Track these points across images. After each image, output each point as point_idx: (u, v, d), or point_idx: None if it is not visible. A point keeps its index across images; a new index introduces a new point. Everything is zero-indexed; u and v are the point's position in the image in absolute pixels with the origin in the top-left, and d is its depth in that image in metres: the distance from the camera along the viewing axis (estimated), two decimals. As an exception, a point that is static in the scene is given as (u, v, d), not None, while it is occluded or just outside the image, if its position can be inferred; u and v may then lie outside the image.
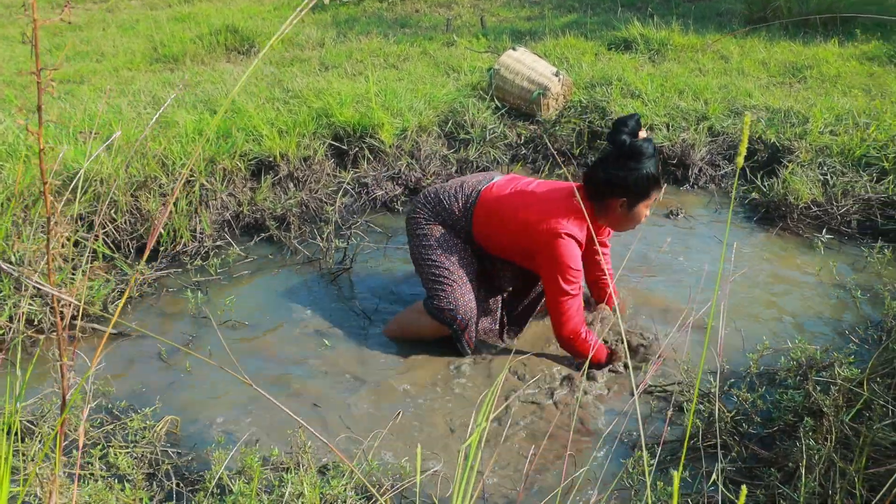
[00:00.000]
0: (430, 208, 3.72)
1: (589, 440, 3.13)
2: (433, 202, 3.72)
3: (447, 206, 3.67)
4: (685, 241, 4.83)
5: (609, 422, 3.22)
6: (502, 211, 3.54)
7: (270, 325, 3.95)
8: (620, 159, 3.34)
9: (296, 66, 7.61)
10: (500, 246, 3.63)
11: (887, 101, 6.18)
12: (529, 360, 3.64)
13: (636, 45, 8.29)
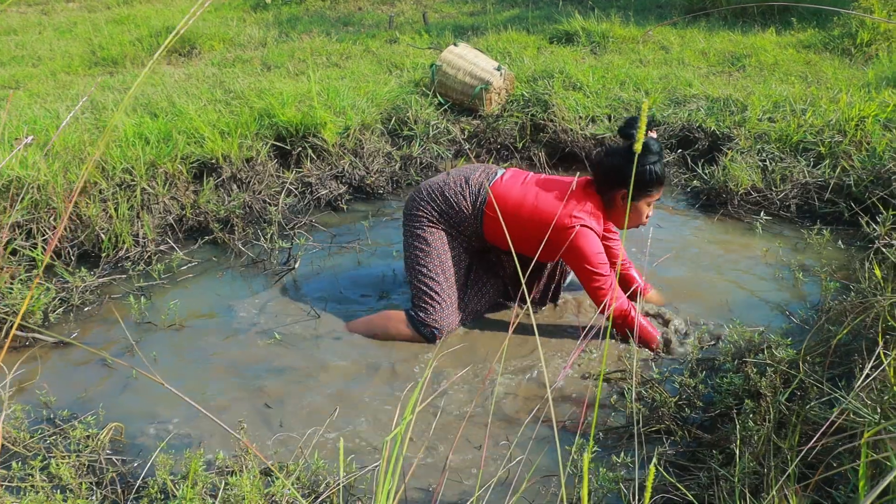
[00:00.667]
0: (435, 207, 3.71)
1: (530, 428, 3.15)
2: (438, 200, 3.72)
3: (454, 204, 3.68)
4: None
5: (556, 409, 3.25)
6: (517, 208, 3.59)
7: (216, 327, 3.92)
8: (629, 152, 3.49)
9: (237, 66, 7.56)
10: (514, 241, 3.64)
11: (823, 88, 6.30)
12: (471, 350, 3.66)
13: (578, 37, 8.35)
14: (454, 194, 3.69)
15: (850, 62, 7.30)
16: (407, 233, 3.79)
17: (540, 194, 3.60)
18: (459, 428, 3.08)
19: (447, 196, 3.70)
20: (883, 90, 5.95)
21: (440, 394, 3.27)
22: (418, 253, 3.71)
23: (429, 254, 3.69)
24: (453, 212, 3.69)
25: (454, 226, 3.72)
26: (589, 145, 5.84)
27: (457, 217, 3.69)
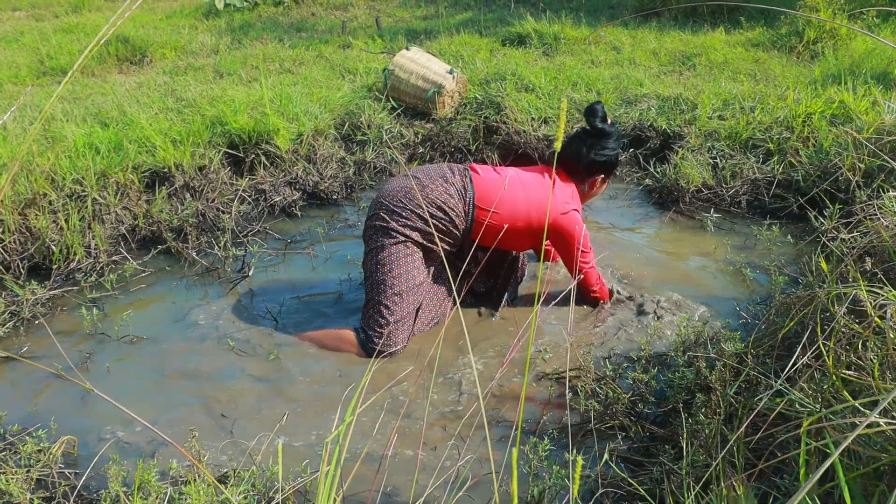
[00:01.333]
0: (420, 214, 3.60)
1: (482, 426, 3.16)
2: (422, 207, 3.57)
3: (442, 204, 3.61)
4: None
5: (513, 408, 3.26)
6: (507, 196, 3.67)
7: (170, 337, 3.88)
8: (602, 140, 3.87)
9: (189, 74, 7.51)
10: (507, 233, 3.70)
11: (771, 86, 6.40)
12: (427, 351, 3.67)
13: (530, 40, 8.41)
14: (440, 194, 3.61)
15: (798, 60, 7.41)
16: (375, 244, 3.64)
17: (526, 185, 3.74)
18: (412, 430, 3.09)
19: (433, 199, 3.60)
20: (829, 87, 6.06)
21: (384, 394, 3.27)
22: (383, 268, 3.59)
23: (392, 271, 3.58)
24: (442, 214, 3.62)
25: (439, 231, 3.65)
26: (542, 146, 5.88)
27: (445, 220, 3.63)
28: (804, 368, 2.50)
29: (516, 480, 1.10)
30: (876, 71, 6.31)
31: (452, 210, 3.62)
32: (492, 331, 3.86)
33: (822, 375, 2.37)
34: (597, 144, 3.86)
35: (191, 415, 3.27)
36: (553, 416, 3.17)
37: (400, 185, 3.69)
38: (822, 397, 2.18)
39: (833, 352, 2.29)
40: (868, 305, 2.19)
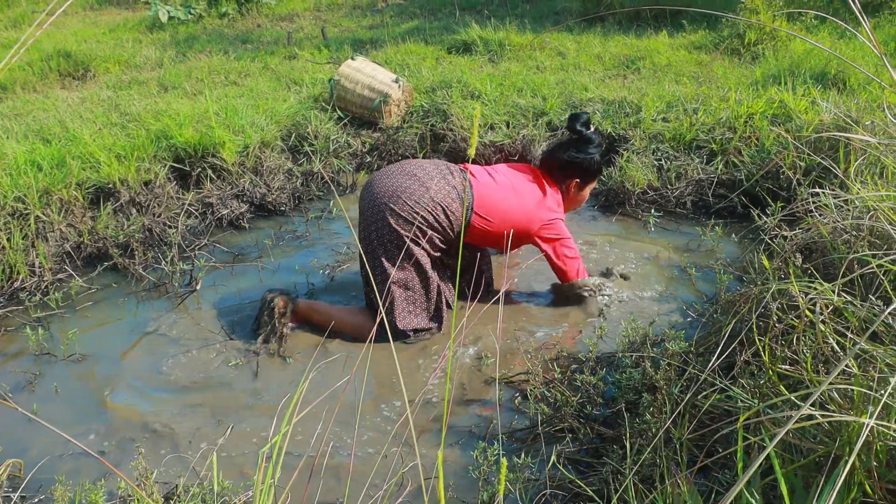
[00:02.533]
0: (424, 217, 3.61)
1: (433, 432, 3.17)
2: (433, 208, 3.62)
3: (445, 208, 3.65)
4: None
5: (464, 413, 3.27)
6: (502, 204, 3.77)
7: (118, 354, 3.83)
8: (579, 145, 3.95)
9: (134, 88, 7.43)
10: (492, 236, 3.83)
11: (714, 87, 6.49)
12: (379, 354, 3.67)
13: (475, 47, 8.45)
14: (443, 196, 3.64)
15: (740, 61, 7.53)
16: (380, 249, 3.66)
17: (519, 192, 3.84)
18: (350, 437, 3.09)
19: (438, 200, 3.63)
20: (770, 87, 6.16)
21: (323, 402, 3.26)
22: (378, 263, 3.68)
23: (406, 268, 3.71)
24: (443, 217, 3.66)
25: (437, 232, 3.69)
26: (489, 152, 5.91)
27: (445, 222, 3.67)
28: (743, 365, 2.55)
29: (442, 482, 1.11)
30: (815, 71, 6.43)
31: (453, 213, 3.68)
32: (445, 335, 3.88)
33: (759, 371, 2.42)
34: (576, 149, 3.97)
35: (139, 431, 3.24)
36: (503, 420, 3.19)
37: (402, 186, 3.65)
38: (759, 392, 2.21)
39: (769, 347, 2.33)
40: (800, 300, 2.24)
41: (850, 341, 2.16)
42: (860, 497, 1.88)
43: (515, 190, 3.82)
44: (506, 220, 3.76)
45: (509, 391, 3.39)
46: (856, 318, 2.20)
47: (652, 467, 2.44)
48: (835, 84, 6.17)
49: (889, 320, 2.03)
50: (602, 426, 2.96)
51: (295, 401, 1.46)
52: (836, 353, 2.19)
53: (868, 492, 1.87)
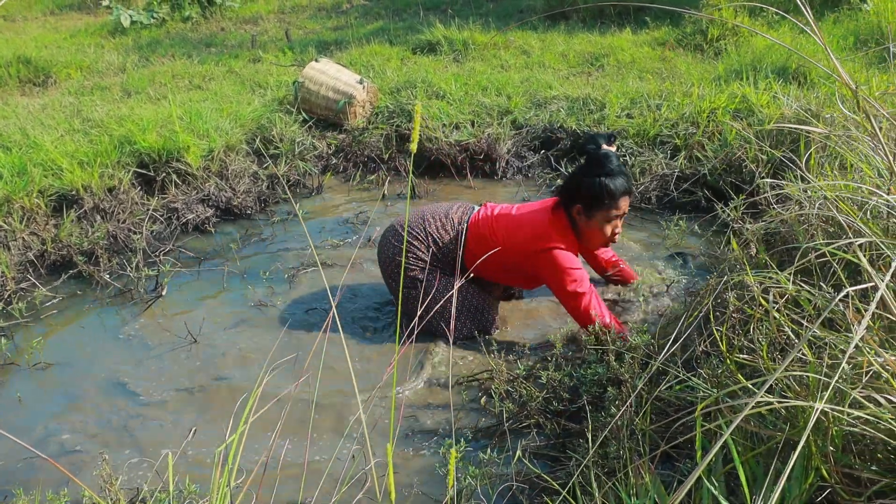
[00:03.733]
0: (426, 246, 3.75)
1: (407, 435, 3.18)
2: (424, 238, 3.75)
3: (438, 239, 3.74)
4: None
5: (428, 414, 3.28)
6: (494, 236, 3.63)
7: (84, 361, 3.81)
8: (583, 166, 3.50)
9: (96, 94, 7.37)
10: (492, 269, 3.68)
11: (677, 83, 6.54)
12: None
13: (440, 46, 8.47)
14: (436, 229, 3.75)
15: (702, 57, 7.59)
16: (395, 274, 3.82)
17: (515, 222, 3.64)
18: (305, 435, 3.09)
19: (430, 232, 3.74)
20: (732, 82, 6.22)
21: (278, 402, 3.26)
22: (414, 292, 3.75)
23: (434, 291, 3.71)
24: (438, 248, 3.74)
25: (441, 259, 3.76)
26: (454, 152, 5.91)
27: (444, 250, 3.74)
28: (702, 355, 2.57)
29: (392, 476, 1.11)
30: (776, 65, 6.50)
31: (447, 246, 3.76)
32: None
33: (718, 360, 2.44)
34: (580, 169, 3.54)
35: (104, 437, 3.22)
36: (469, 419, 3.20)
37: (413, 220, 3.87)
38: (718, 381, 2.24)
39: (726, 337, 2.36)
40: (755, 289, 2.27)
41: (804, 329, 2.19)
42: (818, 481, 1.90)
43: (513, 224, 3.65)
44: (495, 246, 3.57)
45: (474, 391, 3.39)
46: (811, 306, 2.23)
47: (616, 459, 2.46)
48: (795, 78, 6.24)
49: (839, 307, 2.06)
50: (568, 421, 2.98)
51: (251, 403, 1.46)
52: (791, 340, 2.22)
53: (825, 476, 1.89)
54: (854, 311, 1.98)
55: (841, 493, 1.88)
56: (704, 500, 1.98)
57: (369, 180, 5.92)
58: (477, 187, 5.72)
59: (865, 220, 2.44)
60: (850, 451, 1.96)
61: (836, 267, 2.19)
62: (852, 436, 1.95)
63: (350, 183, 5.92)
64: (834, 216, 2.57)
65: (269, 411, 2.22)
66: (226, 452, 1.41)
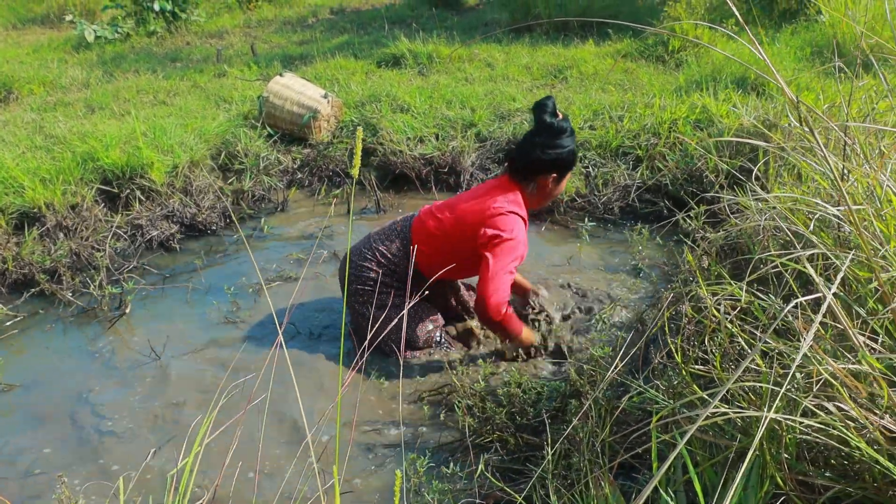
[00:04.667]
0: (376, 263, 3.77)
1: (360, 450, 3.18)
2: (373, 256, 3.78)
3: (386, 250, 3.76)
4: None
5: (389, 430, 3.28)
6: (441, 227, 3.64)
7: (47, 381, 3.78)
8: (551, 138, 3.48)
9: (59, 110, 7.31)
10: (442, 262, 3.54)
11: (639, 94, 6.61)
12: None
13: (405, 60, 8.50)
14: (381, 242, 3.79)
15: (664, 68, 7.68)
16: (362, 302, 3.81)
17: (458, 205, 3.66)
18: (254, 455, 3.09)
19: (375, 248, 3.78)
20: (692, 93, 6.29)
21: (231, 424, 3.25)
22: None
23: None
24: (389, 258, 3.75)
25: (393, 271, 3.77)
26: (418, 165, 5.93)
27: (393, 262, 3.75)
28: (658, 366, 2.61)
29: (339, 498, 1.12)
30: (735, 76, 6.58)
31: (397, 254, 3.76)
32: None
33: (674, 372, 2.48)
34: (547, 142, 3.49)
35: (68, 460, 3.20)
36: (432, 434, 3.21)
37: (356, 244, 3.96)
38: (674, 392, 2.27)
39: (681, 348, 2.39)
40: (708, 301, 2.30)
41: (758, 339, 2.23)
42: (773, 489, 1.93)
43: (455, 204, 3.69)
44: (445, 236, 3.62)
45: (436, 406, 3.39)
46: (766, 317, 2.27)
47: (577, 471, 2.48)
48: (754, 88, 6.33)
49: (790, 317, 2.10)
50: (530, 434, 3.00)
51: (205, 426, 1.47)
52: (744, 351, 2.26)
53: (780, 484, 1.93)
54: (803, 321, 2.01)
55: (796, 500, 1.91)
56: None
57: (334, 194, 5.92)
58: (441, 200, 5.74)
59: (817, 230, 2.49)
60: (804, 458, 2.00)
61: (789, 277, 2.23)
62: (806, 443, 1.98)
63: (315, 197, 5.92)
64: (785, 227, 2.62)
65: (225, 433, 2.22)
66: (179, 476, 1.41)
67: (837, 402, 1.84)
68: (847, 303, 2.09)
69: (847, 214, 1.82)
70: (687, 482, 2.13)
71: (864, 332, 1.94)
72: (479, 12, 11.61)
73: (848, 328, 1.74)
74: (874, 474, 1.86)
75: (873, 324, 1.97)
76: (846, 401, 1.80)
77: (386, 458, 3.09)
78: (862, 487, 1.88)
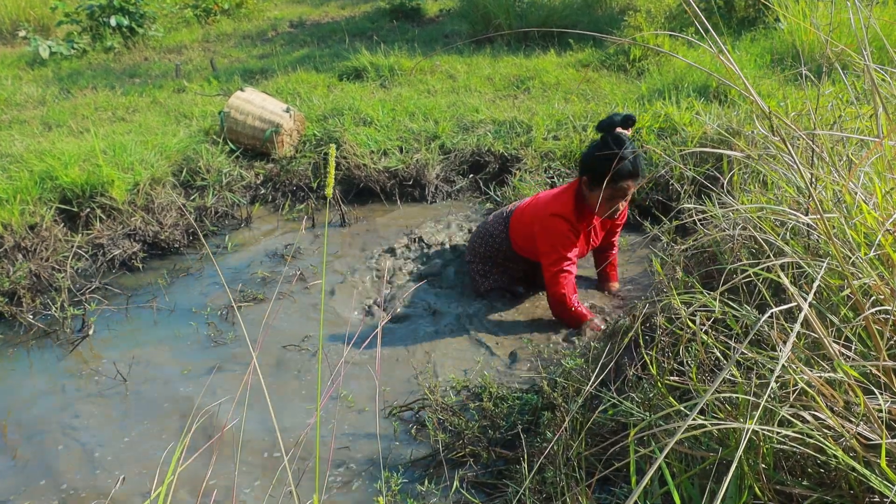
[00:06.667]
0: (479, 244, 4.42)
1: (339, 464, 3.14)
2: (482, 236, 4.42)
3: (492, 230, 4.37)
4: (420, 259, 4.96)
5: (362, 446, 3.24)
6: (525, 215, 4.16)
7: (7, 406, 3.68)
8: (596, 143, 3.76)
9: (14, 128, 7.18)
10: (527, 246, 4.19)
11: (602, 103, 6.64)
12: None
13: (367, 73, 8.48)
14: (494, 224, 4.38)
15: (626, 77, 7.72)
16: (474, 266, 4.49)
17: (539, 199, 4.13)
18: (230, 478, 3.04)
19: (488, 228, 4.40)
20: (655, 102, 6.32)
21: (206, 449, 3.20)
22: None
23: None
24: (492, 239, 4.34)
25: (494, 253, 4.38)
26: (383, 178, 5.91)
27: (494, 242, 4.34)
28: (633, 378, 2.59)
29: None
30: (697, 84, 6.63)
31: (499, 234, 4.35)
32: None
33: (649, 384, 2.47)
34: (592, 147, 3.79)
35: (32, 486, 3.12)
36: (404, 449, 3.17)
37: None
38: (650, 404, 2.25)
39: (656, 360, 2.38)
40: (682, 311, 2.30)
41: (733, 349, 2.22)
42: (752, 500, 1.92)
43: (538, 201, 4.15)
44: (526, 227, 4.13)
45: (406, 421, 3.36)
46: (739, 327, 2.27)
47: (553, 485, 2.46)
48: (716, 96, 6.38)
49: (765, 326, 2.10)
50: (504, 448, 2.98)
51: (178, 453, 1.42)
52: (719, 361, 2.25)
53: (758, 494, 1.92)
54: (779, 331, 2.01)
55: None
56: (642, 523, 1.99)
57: (298, 209, 5.87)
58: (406, 213, 5.71)
59: (787, 238, 2.49)
60: (782, 467, 1.99)
61: (761, 287, 2.23)
62: (783, 453, 1.98)
63: (279, 213, 5.86)
64: (754, 236, 2.62)
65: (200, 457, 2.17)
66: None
67: (814, 410, 1.84)
68: (820, 311, 2.09)
69: (818, 223, 1.81)
70: (664, 494, 2.12)
71: (838, 341, 1.94)
72: (439, 24, 11.63)
73: (823, 337, 1.74)
74: (850, 482, 1.86)
75: (847, 332, 1.97)
76: (822, 410, 1.79)
77: (357, 476, 3.04)
78: (840, 496, 1.88)
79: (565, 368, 2.93)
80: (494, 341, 3.93)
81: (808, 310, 1.57)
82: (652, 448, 2.06)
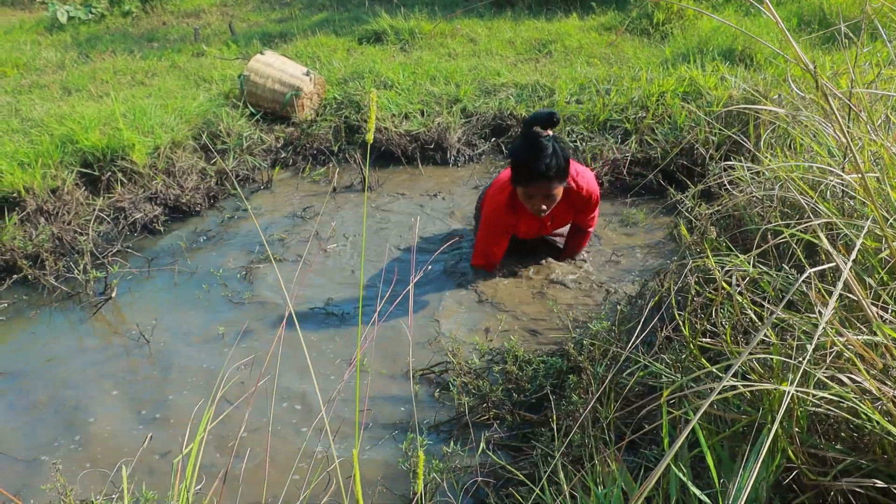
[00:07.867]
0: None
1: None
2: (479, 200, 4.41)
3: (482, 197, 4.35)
4: (445, 222, 4.94)
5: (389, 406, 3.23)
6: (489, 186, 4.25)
7: (33, 368, 3.70)
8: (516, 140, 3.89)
9: (35, 92, 7.17)
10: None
11: (625, 67, 6.56)
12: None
13: (386, 36, 8.42)
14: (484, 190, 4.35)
15: (649, 41, 7.63)
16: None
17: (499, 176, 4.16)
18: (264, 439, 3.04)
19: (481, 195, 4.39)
20: (679, 65, 6.25)
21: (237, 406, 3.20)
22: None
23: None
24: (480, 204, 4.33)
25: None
26: (404, 142, 5.87)
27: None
28: (665, 340, 2.57)
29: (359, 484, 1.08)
30: (722, 48, 6.55)
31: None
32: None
33: (681, 345, 2.44)
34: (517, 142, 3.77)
35: (58, 448, 3.13)
36: (429, 411, 3.16)
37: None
38: (682, 367, 2.23)
39: (689, 321, 2.35)
40: (716, 273, 2.26)
41: (767, 311, 2.19)
42: (784, 463, 1.90)
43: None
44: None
45: (429, 384, 3.34)
46: (772, 288, 2.23)
47: (581, 448, 2.44)
48: (742, 60, 6.30)
49: (803, 288, 2.06)
50: (528, 411, 2.96)
51: (209, 409, 1.41)
52: (754, 323, 2.22)
53: (791, 457, 1.89)
54: (817, 293, 1.97)
55: (807, 474, 1.88)
56: (672, 484, 1.97)
57: (319, 173, 5.84)
58: (428, 176, 5.68)
59: (820, 200, 2.45)
60: (815, 431, 1.96)
61: (796, 248, 2.19)
62: (816, 416, 1.95)
63: (300, 176, 5.84)
64: (787, 197, 2.58)
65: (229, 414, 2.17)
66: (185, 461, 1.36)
67: (851, 373, 1.80)
68: (857, 274, 2.06)
69: (859, 182, 1.77)
70: (693, 458, 2.10)
71: (876, 303, 1.90)
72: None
73: (862, 299, 1.70)
74: (885, 446, 1.83)
75: (884, 295, 1.93)
76: (861, 373, 1.76)
77: (385, 435, 3.03)
78: (873, 460, 1.85)
79: (592, 331, 2.90)
80: (515, 305, 3.91)
81: (848, 273, 1.53)
82: (685, 410, 2.04)
